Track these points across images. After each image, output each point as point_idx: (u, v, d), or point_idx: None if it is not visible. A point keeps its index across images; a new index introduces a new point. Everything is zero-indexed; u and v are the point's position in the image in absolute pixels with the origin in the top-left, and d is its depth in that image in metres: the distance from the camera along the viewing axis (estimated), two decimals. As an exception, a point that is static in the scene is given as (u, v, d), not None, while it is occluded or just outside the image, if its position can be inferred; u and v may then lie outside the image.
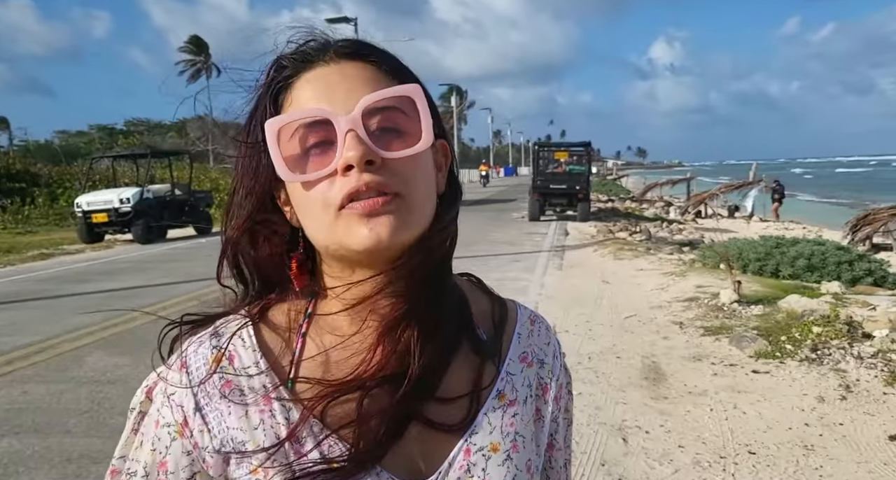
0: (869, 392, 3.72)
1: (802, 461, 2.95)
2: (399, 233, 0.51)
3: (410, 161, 0.53)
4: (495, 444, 0.57)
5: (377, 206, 0.50)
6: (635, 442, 3.18)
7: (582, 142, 17.69)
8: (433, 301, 0.56)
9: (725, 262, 6.61)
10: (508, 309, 0.66)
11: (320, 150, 0.52)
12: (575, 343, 4.94)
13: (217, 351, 0.56)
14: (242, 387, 0.54)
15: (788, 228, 17.29)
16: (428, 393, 0.55)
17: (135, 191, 13.64)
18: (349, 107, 0.51)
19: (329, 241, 0.53)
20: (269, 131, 0.52)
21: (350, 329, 0.57)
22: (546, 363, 0.65)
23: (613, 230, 13.09)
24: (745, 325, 5.07)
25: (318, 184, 0.52)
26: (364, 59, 0.55)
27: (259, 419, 0.53)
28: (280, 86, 0.56)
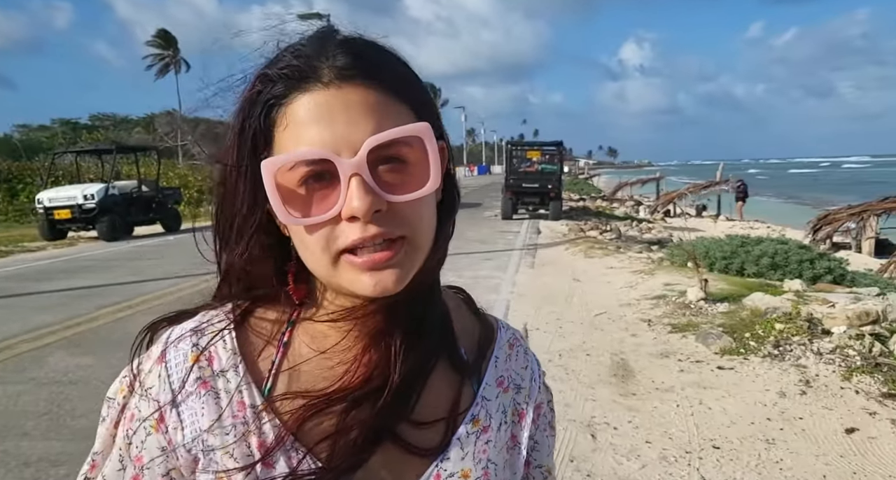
0: (827, 386, 3.84)
1: (764, 454, 3.03)
2: (404, 281, 0.50)
3: (416, 203, 0.50)
4: (466, 471, 0.56)
5: (381, 261, 0.49)
6: (604, 438, 3.22)
7: (554, 141, 17.87)
8: (418, 314, 0.56)
9: (692, 261, 6.75)
10: (493, 330, 0.64)
11: (320, 186, 0.49)
12: (546, 340, 4.98)
13: (197, 350, 0.54)
14: (219, 390, 0.53)
15: (753, 227, 17.72)
16: (405, 409, 0.54)
17: (99, 187, 13.29)
18: (352, 144, 0.48)
19: (329, 280, 0.52)
20: (265, 171, 0.49)
21: (333, 339, 0.55)
22: (523, 388, 0.63)
23: (584, 229, 13.25)
24: (711, 322, 5.19)
25: (318, 227, 0.49)
26: (367, 82, 0.50)
27: (231, 423, 0.52)
28: (272, 103, 0.51)
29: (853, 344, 4.30)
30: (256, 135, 0.51)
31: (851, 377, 3.91)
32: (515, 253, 9.94)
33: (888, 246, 13.08)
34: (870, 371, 3.96)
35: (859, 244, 13.77)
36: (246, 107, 0.52)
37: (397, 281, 0.50)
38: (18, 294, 7.42)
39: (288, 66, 0.50)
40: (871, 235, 13.59)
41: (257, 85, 0.51)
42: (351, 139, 0.48)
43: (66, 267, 9.52)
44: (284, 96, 0.50)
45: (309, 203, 0.49)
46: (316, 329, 0.56)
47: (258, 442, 0.52)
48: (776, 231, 15.96)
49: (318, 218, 0.48)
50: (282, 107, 0.50)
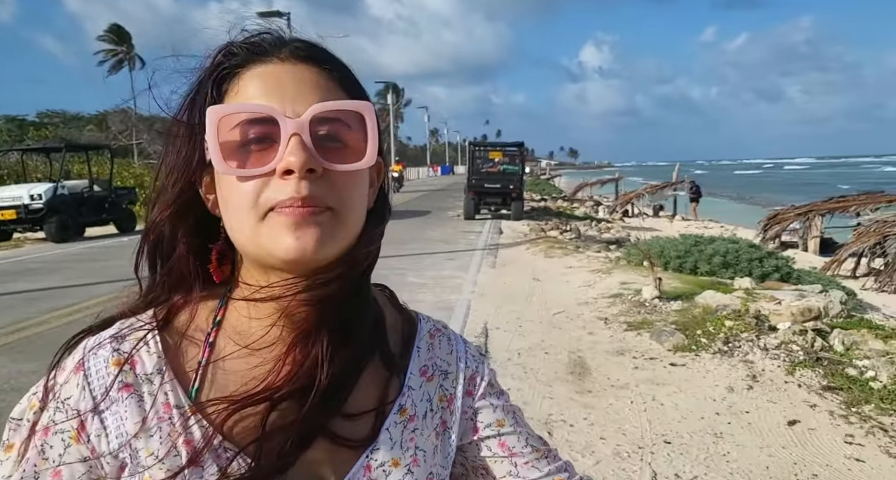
0: (772, 381, 4.00)
1: (712, 448, 3.14)
2: (325, 247, 0.51)
3: (349, 176, 0.52)
4: (396, 459, 0.57)
5: (307, 216, 0.49)
6: (560, 436, 3.29)
7: (515, 142, 18.03)
8: (348, 313, 0.56)
9: (647, 260, 6.93)
10: (414, 323, 0.66)
11: (260, 147, 0.50)
12: (506, 339, 5.05)
13: (118, 355, 0.53)
14: (143, 393, 0.52)
15: (708, 227, 18.26)
16: (335, 407, 0.55)
17: (47, 187, 12.80)
18: (298, 111, 0.50)
19: (251, 243, 0.52)
20: (209, 118, 0.50)
21: (260, 337, 0.55)
22: (450, 373, 0.64)
23: (545, 229, 13.43)
24: (665, 320, 5.34)
25: (251, 180, 0.50)
26: (319, 65, 0.54)
27: (156, 426, 0.51)
28: (226, 72, 0.54)
29: (797, 340, 4.50)
30: (206, 99, 0.53)
31: (795, 371, 4.09)
32: (477, 253, 10.01)
33: (832, 245, 13.68)
34: (811, 365, 4.14)
35: (806, 243, 14.36)
36: (203, 75, 0.54)
37: (318, 242, 0.50)
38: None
39: (252, 42, 0.55)
40: (816, 234, 14.18)
41: (219, 57, 0.54)
42: (297, 107, 0.51)
43: (12, 270, 9.15)
44: (241, 66, 0.53)
45: (247, 159, 0.51)
46: (244, 327, 0.56)
47: (186, 444, 0.51)
48: (729, 230, 16.50)
49: (254, 170, 0.50)
50: (235, 77, 0.53)
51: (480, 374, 0.66)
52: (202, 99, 0.53)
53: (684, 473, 2.89)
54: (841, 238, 13.55)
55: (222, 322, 0.57)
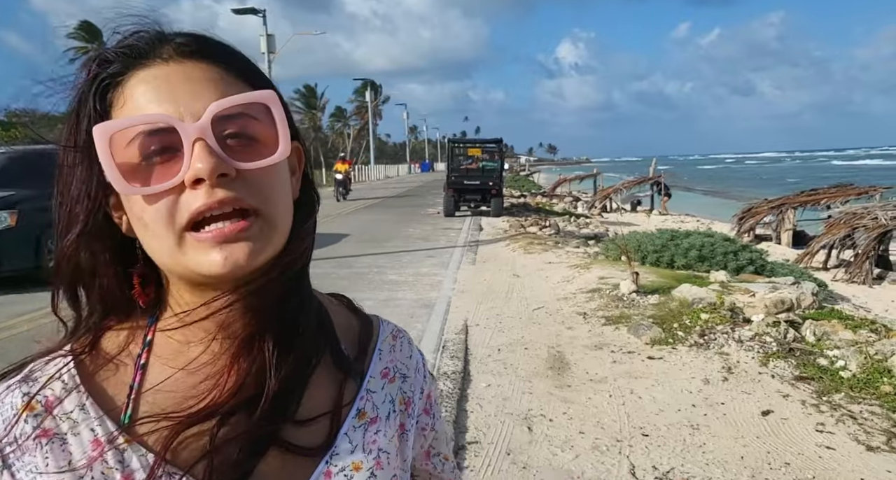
0: (747, 372, 4.08)
1: (689, 440, 3.20)
2: (258, 257, 0.48)
3: (267, 172, 0.48)
4: (357, 463, 0.55)
5: (234, 232, 0.46)
6: (539, 430, 3.31)
7: (494, 138, 18.09)
8: (289, 315, 0.53)
9: (625, 255, 7.00)
10: (372, 326, 0.64)
11: (164, 159, 0.46)
12: (486, 336, 5.06)
13: (28, 398, 0.48)
14: (64, 435, 0.47)
15: (684, 221, 18.53)
16: (286, 413, 0.52)
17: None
18: (195, 112, 0.46)
19: (174, 264, 0.48)
20: (98, 138, 0.46)
21: (198, 352, 0.51)
22: (409, 377, 0.63)
23: (525, 225, 13.49)
24: (643, 314, 5.40)
25: (161, 197, 0.46)
26: (210, 60, 0.50)
27: (85, 466, 0.47)
28: (107, 83, 0.49)
29: (770, 331, 4.59)
30: (92, 119, 0.48)
31: (768, 362, 4.17)
32: (457, 250, 10.02)
33: (804, 237, 13.97)
34: (784, 356, 4.23)
35: (779, 235, 14.65)
36: (82, 90, 0.49)
37: (250, 255, 0.47)
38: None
39: (126, 45, 0.50)
40: (789, 227, 14.47)
41: (94, 67, 0.49)
42: (194, 108, 0.47)
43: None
44: (121, 74, 0.49)
45: (150, 174, 0.46)
46: (178, 344, 0.52)
47: (123, 478, 0.47)
48: (704, 224, 16.75)
49: (160, 186, 0.46)
50: (119, 87, 0.49)
51: (435, 395, 0.67)
52: (87, 115, 0.48)
53: (661, 465, 2.93)
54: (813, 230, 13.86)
55: (153, 341, 0.53)
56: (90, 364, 0.52)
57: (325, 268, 8.15)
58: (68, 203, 0.51)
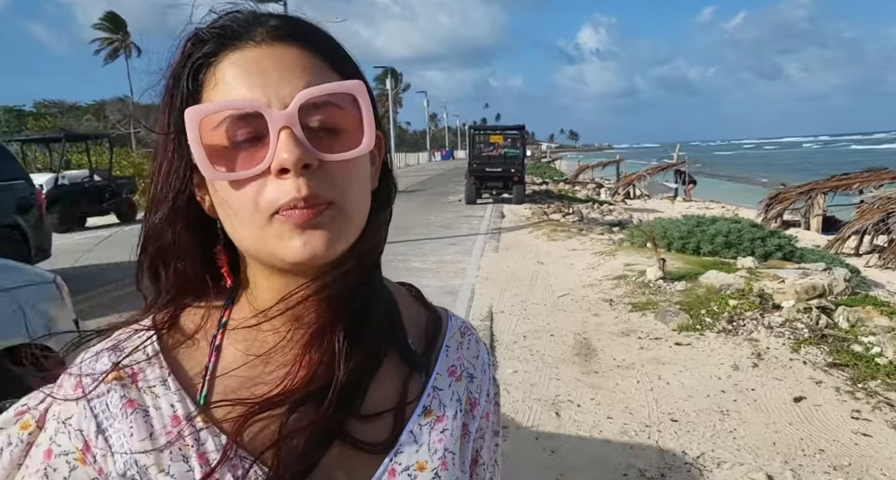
0: (777, 358, 4.02)
1: (719, 425, 3.17)
2: (335, 246, 0.48)
3: (349, 164, 0.49)
4: (422, 463, 0.54)
5: (312, 218, 0.47)
6: (567, 416, 3.32)
7: (516, 125, 17.95)
8: (360, 306, 0.53)
9: (651, 241, 6.92)
10: (441, 320, 0.63)
11: (249, 144, 0.47)
12: (510, 323, 5.07)
13: (117, 367, 0.50)
14: (147, 406, 0.49)
15: (709, 207, 18.25)
16: (352, 406, 0.52)
17: (48, 177, 12.77)
18: (283, 99, 0.46)
19: (257, 247, 0.49)
20: (189, 121, 0.47)
21: (271, 339, 0.52)
22: (476, 377, 0.61)
23: (547, 212, 13.41)
24: (669, 300, 5.35)
25: (246, 183, 0.47)
26: (301, 44, 0.49)
27: (165, 440, 0.48)
28: (200, 63, 0.49)
29: (801, 318, 4.51)
30: (185, 98, 0.49)
31: (800, 348, 4.10)
32: (480, 238, 10.01)
33: (835, 223, 13.66)
34: (816, 342, 4.16)
35: (808, 221, 14.34)
36: (175, 69, 0.50)
37: (327, 244, 0.47)
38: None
39: (220, 26, 0.50)
40: (818, 212, 14.16)
41: (188, 47, 0.50)
42: (282, 93, 0.47)
43: (16, 262, 9.17)
44: (215, 54, 0.49)
45: (235, 160, 0.47)
46: (253, 329, 0.52)
47: (198, 456, 0.48)
48: (730, 210, 16.47)
49: (246, 173, 0.46)
50: (211, 67, 0.49)
51: (494, 403, 0.64)
52: (179, 96, 0.49)
53: (691, 450, 2.92)
54: (844, 216, 13.54)
55: (228, 323, 0.54)
56: (170, 340, 0.53)
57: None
58: (159, 181, 0.52)
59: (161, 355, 0.52)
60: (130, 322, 0.54)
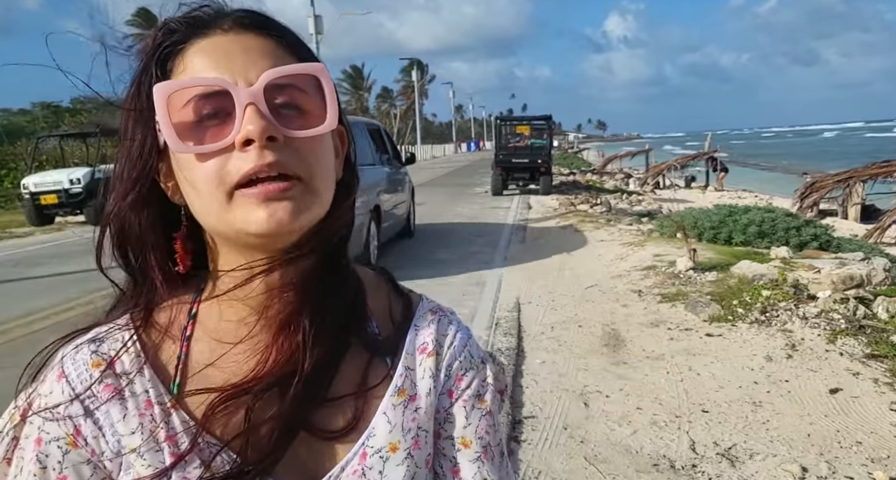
0: (812, 349, 3.94)
1: (751, 416, 3.12)
2: (299, 217, 0.49)
3: (313, 142, 0.50)
4: (394, 444, 0.54)
5: (276, 191, 0.48)
6: (596, 406, 3.30)
7: (543, 115, 17.76)
8: (325, 293, 0.54)
9: (681, 231, 6.82)
10: (412, 303, 0.63)
11: (216, 122, 0.49)
12: (538, 313, 5.05)
13: (98, 357, 0.53)
14: (124, 393, 0.52)
15: (741, 197, 17.85)
16: (318, 394, 0.53)
17: (86, 171, 13.14)
18: (249, 79, 0.49)
19: (221, 223, 0.50)
20: (157, 96, 0.48)
21: (241, 329, 0.53)
22: (440, 353, 0.60)
23: (575, 203, 13.29)
24: (700, 291, 5.27)
25: (211, 157, 0.48)
26: (265, 32, 0.52)
27: (138, 423, 0.51)
28: (168, 51, 0.51)
29: (838, 308, 4.40)
30: (152, 82, 0.51)
31: (836, 340, 4.01)
32: (506, 229, 9.98)
33: (874, 212, 13.24)
34: (854, 333, 4.06)
35: (846, 210, 13.93)
36: (144, 56, 0.52)
37: (292, 213, 0.49)
38: (9, 280, 7.39)
39: (190, 15, 0.53)
40: (857, 201, 13.74)
41: (158, 36, 0.52)
42: (248, 74, 0.49)
43: (56, 253, 9.46)
44: (183, 42, 0.51)
45: (203, 135, 0.49)
46: (222, 319, 0.55)
47: (168, 440, 0.51)
48: (763, 200, 16.08)
49: (212, 146, 0.48)
50: (179, 54, 0.51)
51: (471, 378, 0.60)
52: (147, 81, 0.51)
53: (723, 441, 2.88)
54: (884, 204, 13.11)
55: (198, 315, 0.56)
56: (144, 332, 0.55)
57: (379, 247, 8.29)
58: (124, 164, 0.54)
59: (137, 345, 0.54)
60: (108, 320, 0.57)
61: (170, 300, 0.56)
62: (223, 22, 0.52)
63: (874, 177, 13.37)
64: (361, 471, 0.53)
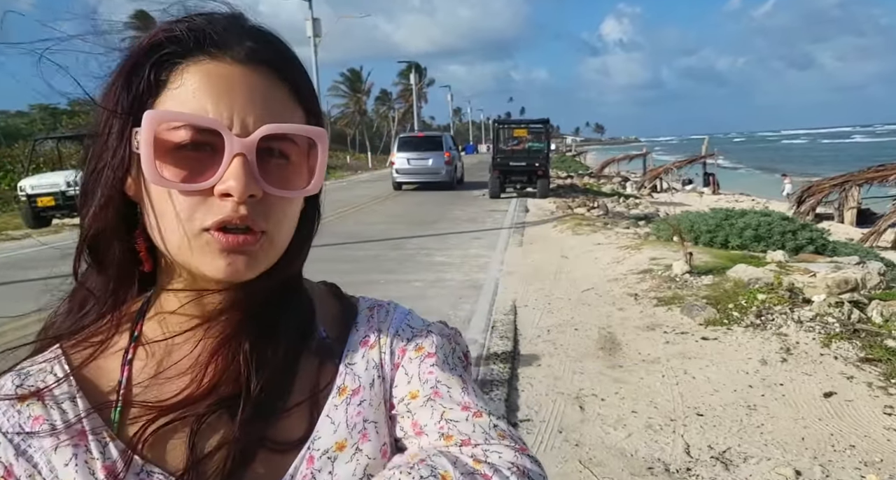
0: (807, 353, 3.95)
1: (746, 420, 3.13)
2: (255, 269, 0.50)
3: (289, 200, 0.50)
4: (341, 443, 0.53)
5: (240, 245, 0.48)
6: (591, 409, 3.31)
7: (541, 118, 17.82)
8: (272, 316, 0.54)
9: (677, 235, 6.84)
10: (355, 307, 0.63)
11: (197, 155, 0.47)
12: (535, 316, 5.06)
13: (23, 389, 0.50)
14: (55, 422, 0.49)
15: (739, 200, 17.90)
16: (271, 413, 0.52)
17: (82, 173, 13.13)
18: (246, 125, 0.47)
19: (180, 255, 0.49)
20: (147, 123, 0.46)
21: (184, 348, 0.53)
22: (381, 338, 0.60)
23: (572, 206, 13.31)
24: (696, 295, 5.28)
25: (186, 193, 0.47)
26: (273, 72, 0.50)
27: (72, 453, 0.48)
28: (167, 59, 0.48)
29: (832, 312, 4.41)
30: (142, 86, 0.48)
31: (831, 343, 4.02)
32: (504, 232, 9.99)
33: (870, 216, 13.29)
34: (848, 337, 4.07)
35: (842, 214, 13.98)
36: (142, 56, 0.48)
37: (248, 267, 0.49)
38: (4, 282, 7.37)
39: (199, 28, 0.49)
40: (853, 205, 13.79)
41: (160, 35, 0.48)
42: (246, 119, 0.47)
43: (53, 255, 9.40)
44: (185, 57, 0.48)
45: (181, 168, 0.47)
46: (164, 341, 0.54)
47: (105, 471, 0.48)
48: (760, 203, 16.13)
49: (190, 186, 0.46)
50: (179, 66, 0.48)
51: (413, 343, 0.59)
52: (138, 83, 0.48)
53: (717, 444, 2.89)
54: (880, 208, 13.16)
55: (140, 337, 0.54)
56: (80, 355, 0.53)
57: (377, 250, 8.28)
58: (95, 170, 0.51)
59: (69, 373, 0.52)
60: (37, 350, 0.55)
61: (110, 321, 0.54)
62: (235, 50, 0.48)
63: (870, 181, 13.42)
64: (311, 475, 0.52)
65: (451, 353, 0.60)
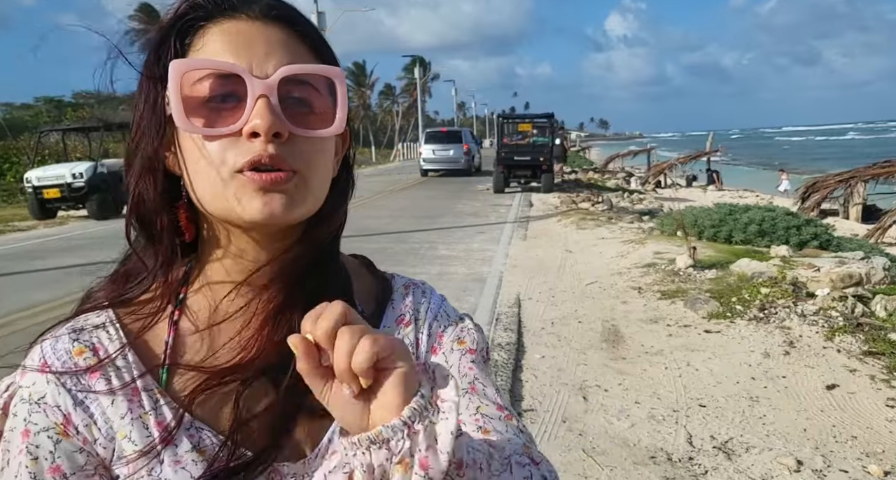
0: (810, 346, 3.97)
1: (748, 411, 3.16)
2: (292, 210, 0.50)
3: (315, 142, 0.52)
4: None
5: (275, 183, 0.49)
6: (595, 400, 3.34)
7: (545, 113, 17.77)
8: (317, 287, 0.55)
9: (682, 229, 6.84)
10: (390, 284, 0.65)
11: (226, 104, 0.49)
12: (538, 309, 5.09)
13: (79, 344, 0.53)
14: (110, 377, 0.52)
15: (742, 196, 17.87)
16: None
17: (88, 166, 13.16)
18: (267, 71, 0.49)
19: (216, 202, 0.51)
20: (172, 73, 0.48)
21: (228, 316, 0.54)
22: (419, 319, 0.62)
23: (576, 201, 13.30)
24: (699, 288, 5.30)
25: (215, 139, 0.49)
26: (291, 27, 0.52)
27: (127, 408, 0.51)
28: (190, 25, 0.51)
29: (836, 306, 4.43)
30: (170, 55, 0.51)
31: (834, 337, 4.04)
32: (508, 226, 10.00)
33: (876, 212, 13.25)
34: (851, 330, 4.08)
35: (847, 210, 13.94)
36: (167, 26, 0.52)
37: (285, 207, 0.50)
38: (12, 272, 7.43)
39: None
40: (858, 201, 13.75)
41: (182, 7, 0.52)
42: (265, 65, 0.49)
43: (59, 246, 9.51)
44: (207, 19, 0.51)
45: (211, 117, 0.49)
46: (208, 307, 0.55)
47: (157, 425, 0.51)
48: (764, 199, 16.10)
49: (219, 130, 0.49)
50: (201, 30, 0.51)
51: (451, 332, 0.62)
52: (165, 52, 0.51)
53: (720, 435, 2.92)
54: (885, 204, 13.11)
55: (185, 300, 0.56)
56: (130, 318, 0.55)
57: (382, 243, 8.31)
58: (136, 134, 0.53)
59: (120, 331, 0.54)
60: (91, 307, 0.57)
61: (158, 283, 0.56)
62: (251, 7, 0.51)
63: (876, 176, 13.37)
64: None
65: (484, 351, 0.63)
